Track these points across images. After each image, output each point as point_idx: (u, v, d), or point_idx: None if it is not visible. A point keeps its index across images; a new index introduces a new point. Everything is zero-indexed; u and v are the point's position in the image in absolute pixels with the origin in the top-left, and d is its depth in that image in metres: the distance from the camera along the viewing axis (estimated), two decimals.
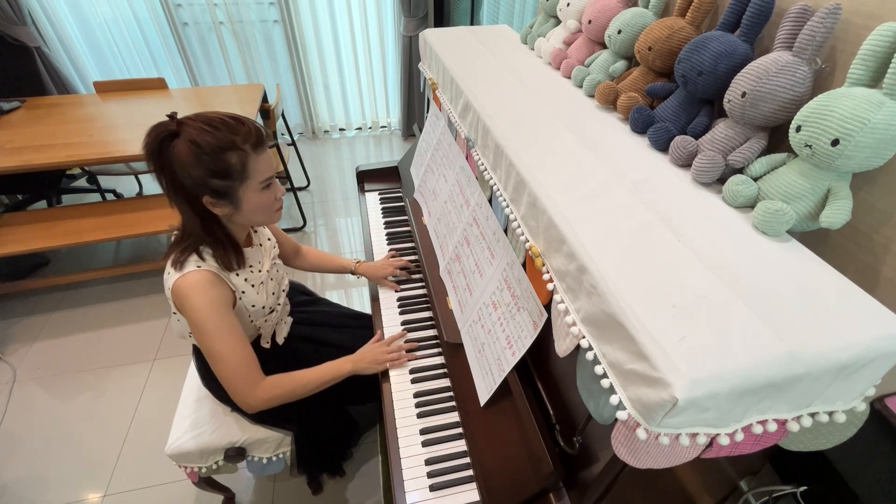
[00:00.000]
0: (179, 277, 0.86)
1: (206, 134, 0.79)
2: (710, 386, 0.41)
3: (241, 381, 0.90)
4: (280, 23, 3.08)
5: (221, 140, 0.80)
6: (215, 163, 0.80)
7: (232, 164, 0.82)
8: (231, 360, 0.89)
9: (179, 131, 0.80)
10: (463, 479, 0.84)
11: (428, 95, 1.40)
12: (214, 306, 0.87)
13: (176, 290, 0.87)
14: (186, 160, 0.79)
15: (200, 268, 0.87)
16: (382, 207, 1.54)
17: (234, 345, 0.89)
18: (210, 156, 0.80)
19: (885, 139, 0.49)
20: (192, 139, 0.79)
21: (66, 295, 2.20)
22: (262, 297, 1.01)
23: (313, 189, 3.03)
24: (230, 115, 0.84)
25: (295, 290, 1.38)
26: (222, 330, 0.88)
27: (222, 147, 0.80)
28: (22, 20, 2.53)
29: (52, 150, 1.83)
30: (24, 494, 1.49)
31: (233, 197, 0.85)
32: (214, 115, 0.82)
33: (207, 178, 0.81)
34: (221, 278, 0.90)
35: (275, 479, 1.53)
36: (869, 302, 0.50)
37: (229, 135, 0.81)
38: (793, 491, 0.70)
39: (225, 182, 0.83)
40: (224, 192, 0.84)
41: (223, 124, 0.81)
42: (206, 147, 0.79)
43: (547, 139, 0.77)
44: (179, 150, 0.79)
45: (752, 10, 0.63)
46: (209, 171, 0.81)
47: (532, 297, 0.73)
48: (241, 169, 0.83)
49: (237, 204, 0.87)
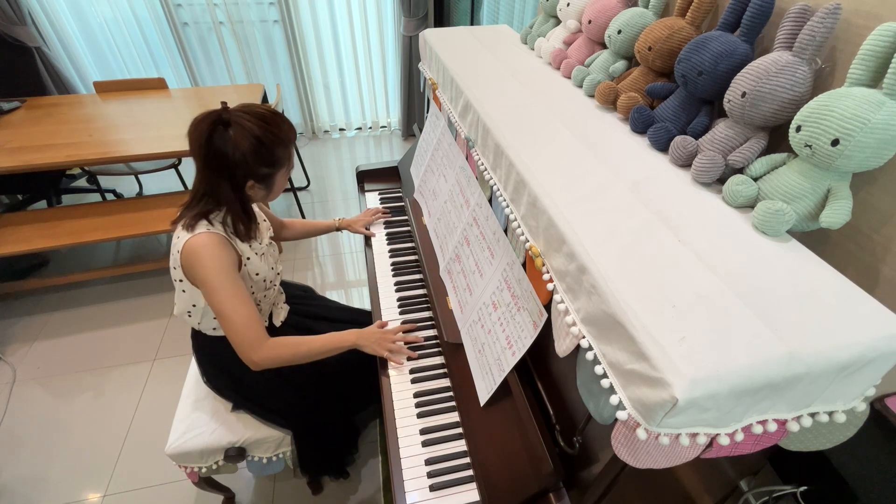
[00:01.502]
0: (191, 237, 0.92)
1: (262, 129, 0.89)
2: (709, 386, 0.41)
3: (248, 338, 0.94)
4: (280, 23, 3.08)
5: (275, 135, 0.91)
6: (268, 154, 0.91)
7: (279, 156, 0.94)
8: (238, 317, 0.93)
9: (230, 121, 0.88)
10: (463, 479, 0.84)
11: (428, 95, 1.40)
12: (223, 265, 0.93)
13: (186, 250, 0.92)
14: (245, 149, 0.88)
15: (210, 231, 0.93)
16: (383, 207, 1.54)
17: (240, 303, 0.93)
18: (268, 148, 0.91)
19: (885, 139, 0.49)
20: (252, 132, 0.88)
21: (66, 295, 2.20)
22: (265, 266, 1.07)
23: (313, 189, 3.03)
24: (271, 109, 0.94)
25: (296, 287, 1.39)
26: (229, 289, 0.92)
27: (276, 142, 0.92)
28: (22, 20, 2.53)
29: (52, 150, 1.83)
30: (24, 494, 1.49)
31: (270, 182, 0.97)
32: (262, 109, 0.92)
33: (258, 166, 0.91)
34: (228, 241, 0.96)
35: (275, 479, 1.53)
36: (869, 302, 0.50)
37: (279, 130, 0.92)
38: (793, 491, 0.70)
39: (270, 170, 0.95)
40: (266, 178, 0.95)
41: (273, 120, 0.92)
42: (266, 141, 0.90)
43: (547, 139, 0.77)
44: (237, 140, 0.87)
45: (752, 10, 0.63)
46: (263, 160, 0.91)
47: (532, 297, 0.73)
48: (286, 160, 0.97)
49: (271, 187, 0.99)
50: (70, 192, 2.77)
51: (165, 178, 2.88)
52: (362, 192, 1.61)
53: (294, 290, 1.37)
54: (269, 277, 1.09)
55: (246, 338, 0.94)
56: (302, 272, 2.38)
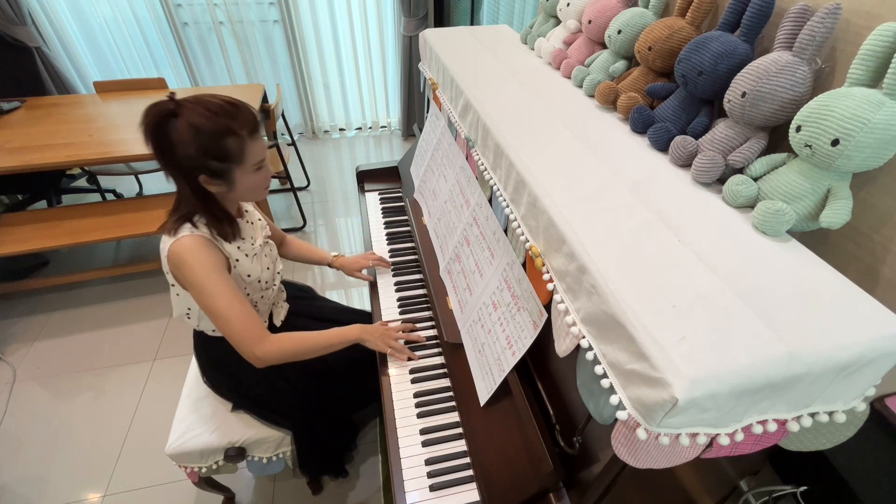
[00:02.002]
0: (174, 241, 0.89)
1: (206, 119, 0.82)
2: (709, 386, 0.41)
3: (247, 335, 0.92)
4: (280, 23, 3.08)
5: (221, 126, 0.83)
6: (214, 146, 0.84)
7: (230, 148, 0.85)
8: (233, 316, 0.91)
9: (178, 112, 0.82)
10: (463, 479, 0.84)
11: (428, 95, 1.40)
12: (211, 265, 0.90)
13: (171, 255, 0.89)
14: (186, 142, 0.82)
15: (193, 233, 0.90)
16: (382, 207, 1.54)
17: (233, 301, 0.91)
18: (210, 139, 0.83)
19: (885, 139, 0.49)
20: (192, 123, 0.81)
21: (66, 295, 2.20)
22: (258, 267, 1.04)
23: (313, 189, 3.03)
24: (228, 99, 0.87)
25: (296, 287, 1.39)
26: (221, 288, 0.90)
27: (221, 133, 0.84)
28: (22, 20, 2.53)
29: (52, 150, 1.83)
30: (24, 494, 1.49)
31: (228, 177, 0.89)
32: (213, 99, 0.85)
33: (205, 160, 0.85)
34: (214, 244, 0.93)
35: (275, 479, 1.53)
36: (869, 302, 0.50)
37: (228, 121, 0.84)
38: (793, 491, 0.70)
39: (222, 164, 0.87)
40: (220, 172, 0.88)
41: (222, 110, 0.84)
42: (206, 132, 0.82)
43: (547, 139, 0.77)
44: (180, 132, 0.82)
45: (752, 10, 0.63)
46: (208, 153, 0.84)
47: (532, 297, 0.73)
48: (239, 153, 0.87)
49: (231, 183, 0.91)
50: (70, 192, 2.77)
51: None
52: (362, 192, 1.61)
53: (294, 290, 1.37)
54: (264, 278, 1.07)
55: (246, 334, 0.92)
56: (302, 272, 2.38)
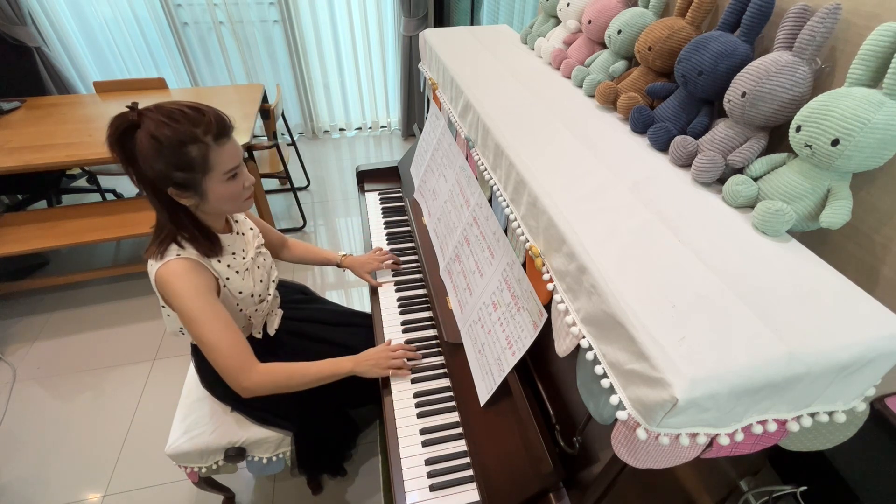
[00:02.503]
0: (160, 266, 0.86)
1: (166, 127, 0.77)
2: (709, 386, 0.41)
3: (234, 365, 0.89)
4: (280, 23, 3.08)
5: (181, 133, 0.78)
6: (176, 156, 0.79)
7: (193, 156, 0.80)
8: (221, 345, 0.88)
9: (141, 122, 0.78)
10: (463, 479, 0.84)
11: (428, 95, 1.40)
12: (198, 291, 0.87)
13: (158, 280, 0.87)
14: (148, 153, 0.78)
15: (180, 256, 0.87)
16: (382, 207, 1.54)
17: (221, 329, 0.88)
18: (170, 149, 0.78)
19: (885, 139, 0.49)
20: (151, 133, 0.77)
21: (66, 295, 2.20)
22: (249, 283, 1.01)
23: (313, 189, 3.03)
24: (191, 104, 0.82)
25: (293, 289, 1.38)
26: (208, 315, 0.87)
27: (182, 140, 0.79)
28: (22, 20, 2.53)
29: (52, 150, 1.83)
30: (24, 494, 1.49)
31: (197, 188, 0.84)
32: (175, 105, 0.80)
33: (170, 171, 0.80)
34: (203, 265, 0.90)
35: (275, 479, 1.53)
36: (869, 302, 0.50)
37: (190, 127, 0.79)
38: (793, 491, 0.70)
39: (187, 174, 0.82)
40: (187, 184, 0.83)
41: (183, 116, 0.79)
42: (165, 141, 0.77)
43: (547, 139, 0.77)
44: (141, 143, 0.78)
45: (752, 10, 0.63)
46: (170, 164, 0.79)
47: (532, 297, 0.73)
48: (203, 161, 0.81)
49: (202, 195, 0.86)
50: (70, 192, 2.77)
51: None
52: (362, 192, 1.61)
53: (292, 292, 1.36)
54: (257, 292, 1.03)
55: (232, 365, 0.89)
56: (302, 272, 2.38)
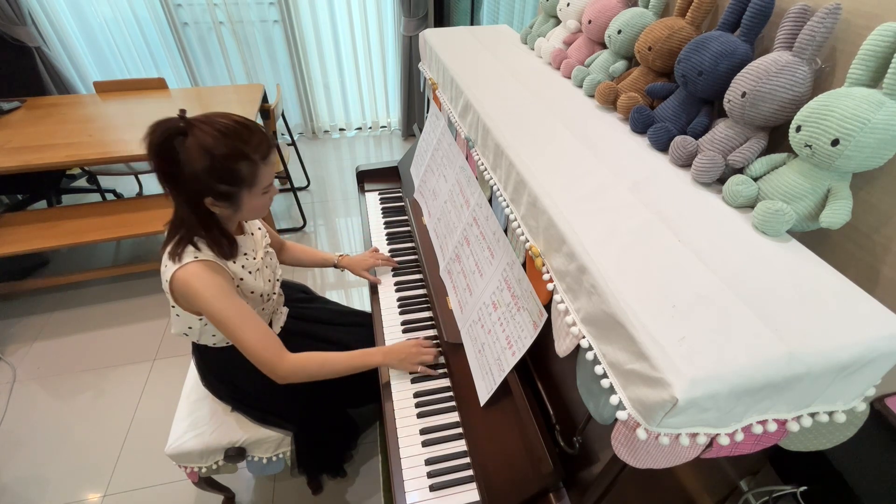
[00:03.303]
0: (178, 269, 0.86)
1: (219, 141, 0.79)
2: (709, 386, 0.41)
3: (268, 354, 0.92)
4: (280, 23, 3.08)
5: (235, 150, 0.81)
6: (225, 170, 0.82)
7: (242, 172, 0.83)
8: (251, 337, 0.90)
9: (188, 131, 0.79)
10: (463, 479, 0.84)
11: (428, 95, 1.40)
12: (222, 290, 0.88)
13: (175, 282, 0.87)
14: (197, 164, 0.79)
15: (198, 258, 0.88)
16: (382, 207, 1.54)
17: (248, 322, 0.90)
18: (221, 163, 0.80)
19: (885, 139, 0.49)
20: (204, 145, 0.79)
21: (66, 295, 2.20)
22: (260, 283, 1.03)
23: (313, 189, 3.03)
24: (240, 120, 0.84)
25: (294, 288, 1.38)
26: (235, 312, 0.89)
27: (235, 156, 0.81)
28: (22, 20, 2.53)
29: (52, 150, 1.83)
30: (24, 494, 1.49)
31: (235, 200, 0.87)
32: (225, 119, 0.82)
33: (213, 183, 0.82)
34: (220, 265, 0.91)
35: (275, 479, 1.53)
36: (869, 302, 0.49)
37: (242, 145, 0.81)
38: (793, 491, 0.70)
39: (231, 188, 0.84)
40: (228, 195, 0.85)
41: (235, 132, 0.81)
42: (218, 155, 0.80)
43: (547, 139, 0.77)
44: (190, 153, 0.79)
45: (752, 10, 0.63)
46: (217, 176, 0.82)
47: (532, 297, 0.73)
48: (250, 177, 0.85)
49: (238, 206, 0.88)
50: (70, 192, 2.77)
51: None
52: (362, 192, 1.61)
53: (293, 291, 1.36)
54: (266, 291, 1.05)
55: (266, 355, 0.91)
56: (301, 273, 2.38)
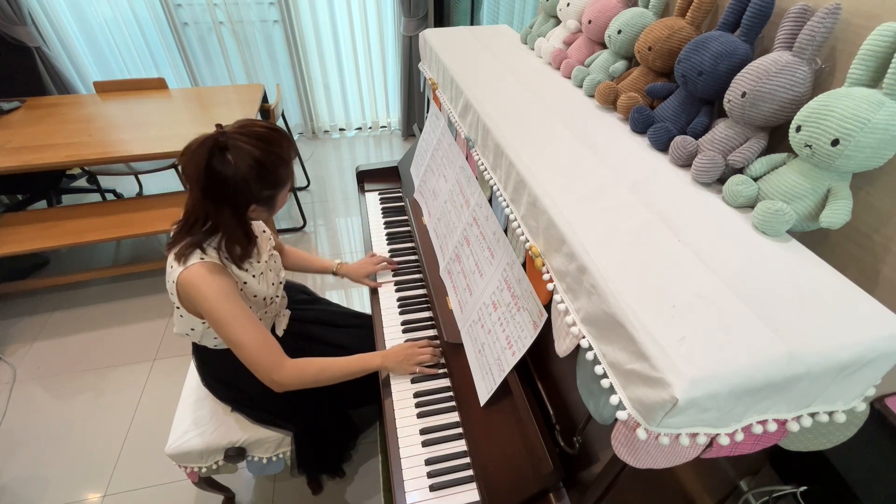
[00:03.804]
0: (184, 270, 0.87)
1: (265, 150, 0.83)
2: (709, 386, 0.41)
3: (266, 361, 0.92)
4: (280, 23, 3.08)
5: (279, 156, 0.86)
6: (274, 176, 0.87)
7: (283, 175, 0.89)
8: (251, 343, 0.90)
9: (227, 144, 0.81)
10: (463, 479, 0.84)
11: (428, 95, 1.40)
12: (225, 293, 0.89)
13: (181, 283, 0.88)
14: (247, 174, 0.82)
15: (203, 260, 0.89)
16: (382, 207, 1.54)
17: (250, 327, 0.91)
18: (271, 170, 0.85)
19: (885, 139, 0.49)
20: (254, 156, 0.82)
21: (66, 295, 2.20)
22: (263, 287, 1.03)
23: (313, 189, 3.03)
24: (268, 125, 0.88)
25: (295, 289, 1.38)
26: (236, 316, 0.89)
27: (280, 162, 0.86)
28: (22, 20, 2.53)
29: (52, 150, 1.83)
30: (24, 494, 1.49)
31: (273, 203, 0.92)
32: (253, 125, 0.85)
33: (261, 191, 0.87)
34: (224, 269, 0.92)
35: (275, 479, 1.53)
36: (869, 302, 0.49)
37: (280, 150, 0.86)
38: (793, 491, 0.70)
39: (273, 192, 0.90)
40: (269, 199, 0.90)
41: (272, 139, 0.85)
42: (269, 164, 0.84)
43: (547, 139, 0.77)
44: (235, 165, 0.81)
45: (752, 10, 0.63)
46: (266, 184, 0.86)
47: (532, 297, 0.73)
48: (288, 179, 0.91)
49: (273, 208, 0.94)
50: (70, 192, 2.77)
51: (165, 178, 2.89)
52: (362, 192, 1.61)
53: (295, 292, 1.36)
54: (270, 294, 1.06)
55: (263, 361, 0.91)
56: (302, 272, 2.37)
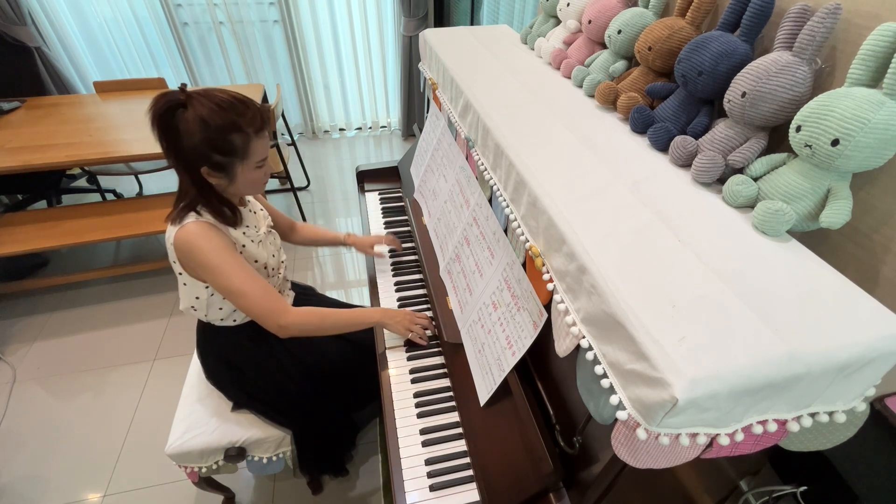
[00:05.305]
0: (179, 229, 0.90)
1: (216, 114, 0.84)
2: (709, 386, 0.41)
3: (269, 307, 0.94)
4: (280, 23, 3.08)
5: (228, 121, 0.85)
6: (220, 140, 0.86)
7: (235, 143, 0.88)
8: (252, 290, 0.92)
9: (188, 103, 0.84)
10: (463, 479, 0.84)
11: (428, 95, 1.40)
12: (221, 246, 0.92)
13: (177, 242, 0.91)
14: (193, 132, 0.84)
15: (198, 220, 0.91)
16: (382, 207, 1.54)
17: (249, 277, 0.93)
18: (216, 133, 0.85)
19: (885, 139, 0.49)
20: (201, 115, 0.83)
21: (66, 295, 2.20)
22: (264, 253, 1.06)
23: (313, 189, 3.03)
24: (237, 96, 0.88)
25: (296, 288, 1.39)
26: (233, 266, 0.92)
27: (228, 128, 0.85)
28: (22, 20, 2.53)
29: (52, 150, 1.83)
30: (24, 494, 1.49)
31: (229, 171, 0.91)
32: (222, 93, 0.87)
33: (210, 153, 0.87)
34: (220, 228, 0.94)
35: (275, 479, 1.53)
36: (869, 302, 0.49)
37: (236, 117, 0.86)
38: (793, 491, 0.70)
39: (225, 158, 0.89)
40: (222, 166, 0.90)
41: (231, 105, 0.86)
42: (213, 125, 0.84)
43: (547, 139, 0.77)
44: (187, 123, 0.84)
45: (752, 10, 0.63)
46: (213, 146, 0.86)
47: (532, 297, 0.73)
48: (243, 149, 0.89)
49: (232, 178, 0.92)
50: (70, 192, 2.77)
51: (165, 178, 2.89)
52: (362, 192, 1.61)
53: (297, 289, 1.36)
54: (270, 264, 1.08)
55: (267, 307, 0.94)
56: (302, 272, 2.38)
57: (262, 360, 1.14)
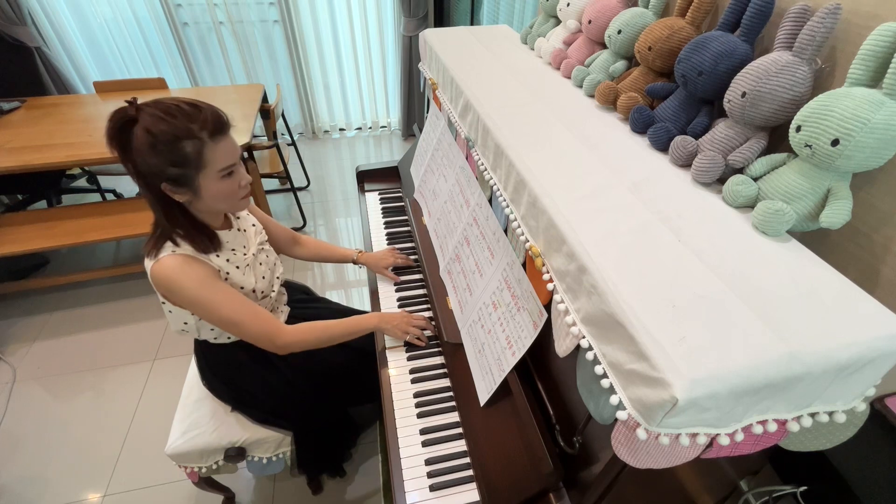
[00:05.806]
0: (154, 263, 0.86)
1: (162, 122, 0.78)
2: (710, 386, 0.41)
3: (265, 328, 0.93)
4: (280, 23, 3.08)
5: (176, 129, 0.79)
6: (170, 151, 0.79)
7: (187, 152, 0.80)
8: (242, 319, 0.90)
9: (137, 117, 0.79)
10: (463, 479, 0.84)
11: (428, 95, 1.40)
12: (202, 278, 0.87)
13: (154, 277, 0.87)
14: (143, 148, 0.79)
15: (175, 252, 0.87)
16: (382, 207, 1.54)
17: (237, 305, 0.90)
18: (165, 144, 0.79)
19: (885, 139, 0.49)
20: (147, 127, 0.78)
21: (66, 295, 2.20)
22: (251, 279, 1.01)
23: (313, 189, 3.03)
24: (188, 101, 0.82)
25: (296, 289, 1.38)
26: (220, 297, 0.88)
27: (177, 136, 0.79)
28: (22, 20, 2.53)
29: (52, 150, 1.83)
30: (24, 494, 1.49)
31: (191, 185, 0.84)
32: (172, 101, 0.81)
33: (164, 166, 0.80)
34: (199, 259, 0.90)
35: (275, 479, 1.53)
36: (869, 302, 0.49)
37: (185, 123, 0.79)
38: (793, 491, 0.70)
39: (181, 170, 0.82)
40: (181, 179, 0.83)
41: (180, 111, 0.80)
42: (160, 135, 0.78)
43: (547, 139, 0.77)
44: (137, 138, 0.79)
45: (752, 10, 0.63)
46: (165, 159, 0.80)
47: (532, 297, 0.73)
48: (197, 157, 0.82)
49: (196, 191, 0.86)
50: (70, 192, 2.77)
51: None
52: (362, 192, 1.61)
53: (295, 292, 1.36)
54: (259, 288, 1.03)
55: (262, 330, 0.92)
56: (302, 272, 2.38)
57: (261, 375, 1.12)
